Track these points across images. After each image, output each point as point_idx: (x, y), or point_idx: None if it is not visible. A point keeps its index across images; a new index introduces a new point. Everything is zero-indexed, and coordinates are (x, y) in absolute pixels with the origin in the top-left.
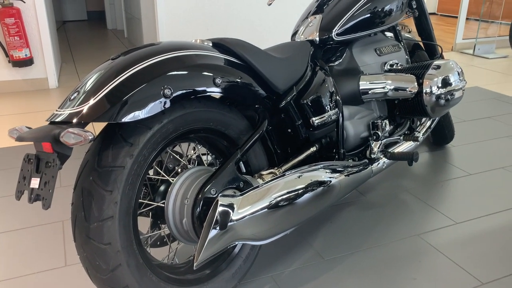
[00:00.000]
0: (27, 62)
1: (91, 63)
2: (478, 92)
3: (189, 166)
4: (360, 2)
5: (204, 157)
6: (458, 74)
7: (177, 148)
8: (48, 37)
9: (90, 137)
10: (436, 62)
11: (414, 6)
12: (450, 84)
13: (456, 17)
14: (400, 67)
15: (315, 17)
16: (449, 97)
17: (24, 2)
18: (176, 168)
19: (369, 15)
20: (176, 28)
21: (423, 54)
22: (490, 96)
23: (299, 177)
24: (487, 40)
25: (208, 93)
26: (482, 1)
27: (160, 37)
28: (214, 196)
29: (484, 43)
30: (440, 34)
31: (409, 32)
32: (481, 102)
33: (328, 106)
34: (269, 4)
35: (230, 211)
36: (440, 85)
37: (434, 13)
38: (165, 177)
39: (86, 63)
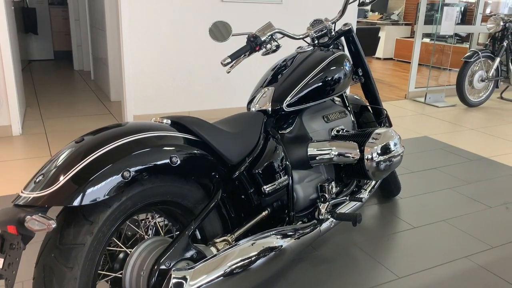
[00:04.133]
0: None
1: (56, 108)
2: (427, 142)
3: (146, 236)
4: (310, 75)
5: (161, 221)
6: (396, 141)
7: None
8: (13, 84)
9: (53, 226)
10: (377, 131)
11: (360, 73)
12: (389, 151)
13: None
14: (345, 133)
15: (268, 89)
16: (388, 163)
17: None
18: (136, 234)
19: (317, 86)
20: (142, 75)
21: (370, 115)
22: (438, 146)
23: (251, 245)
24: (437, 89)
25: (165, 171)
26: (432, 52)
27: (126, 80)
28: (169, 268)
29: (434, 91)
30: (396, 80)
31: None
32: (429, 153)
33: (279, 174)
34: (228, 72)
35: (184, 282)
36: (379, 152)
37: (391, 59)
38: (123, 248)
39: (51, 108)
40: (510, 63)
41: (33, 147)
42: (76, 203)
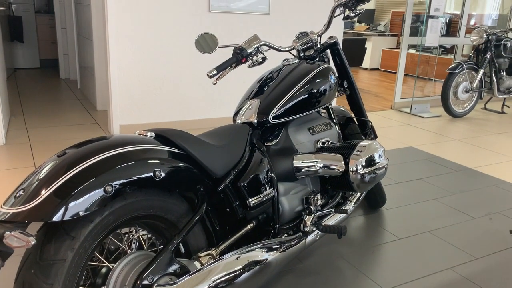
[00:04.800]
0: None
1: (41, 117)
2: (412, 152)
3: (128, 251)
4: (295, 88)
5: (145, 234)
6: (381, 154)
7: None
8: None
9: (33, 242)
10: (362, 143)
11: (346, 85)
12: (373, 164)
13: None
14: (331, 145)
15: (254, 101)
16: (372, 175)
17: None
18: (119, 248)
19: (303, 99)
20: (129, 84)
21: (355, 127)
22: (423, 157)
23: (236, 259)
24: (422, 100)
25: (148, 185)
26: (417, 63)
27: (113, 90)
28: (151, 283)
29: (419, 102)
30: (382, 91)
31: None
32: (415, 163)
33: (264, 187)
34: (214, 84)
35: None
36: (364, 164)
37: (377, 69)
38: (105, 263)
39: (36, 117)
40: (493, 75)
41: (17, 157)
42: (56, 218)
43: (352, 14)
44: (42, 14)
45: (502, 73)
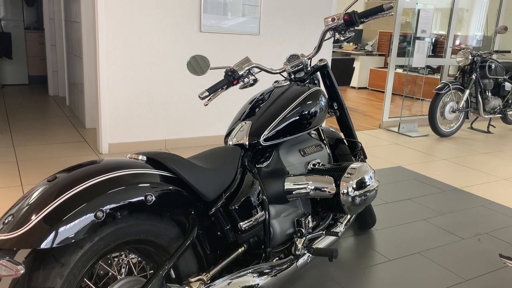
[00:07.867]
0: None
1: (29, 135)
2: (400, 172)
3: (118, 276)
4: (287, 110)
5: (135, 257)
6: (371, 176)
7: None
8: None
9: (21, 272)
10: (352, 165)
11: (336, 107)
12: (364, 186)
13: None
14: (322, 167)
15: (245, 123)
16: (363, 197)
17: None
18: (109, 273)
19: (294, 121)
20: (118, 102)
21: (345, 148)
22: (411, 177)
23: (227, 285)
24: (410, 119)
25: (139, 210)
26: (405, 83)
27: (102, 108)
28: None
29: (407, 121)
30: (370, 110)
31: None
32: (403, 183)
33: (255, 210)
34: (206, 105)
35: None
36: (355, 186)
37: (365, 88)
38: None
39: (24, 134)
40: (479, 95)
41: (3, 177)
42: (45, 245)
43: (342, 38)
44: (32, 31)
45: (487, 93)
